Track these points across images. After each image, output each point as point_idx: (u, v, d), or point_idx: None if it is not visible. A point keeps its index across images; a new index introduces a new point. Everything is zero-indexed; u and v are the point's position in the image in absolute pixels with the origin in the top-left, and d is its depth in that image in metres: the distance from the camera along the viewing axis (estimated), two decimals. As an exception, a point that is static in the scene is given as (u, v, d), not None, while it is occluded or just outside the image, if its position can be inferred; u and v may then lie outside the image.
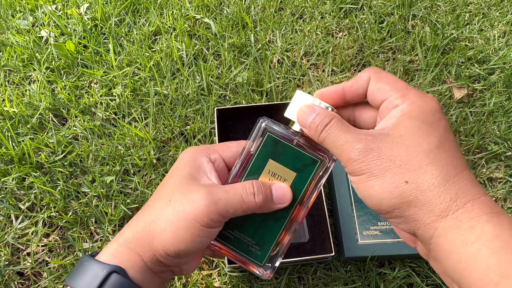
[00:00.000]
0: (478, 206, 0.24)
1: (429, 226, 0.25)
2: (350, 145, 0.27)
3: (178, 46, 0.72)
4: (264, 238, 0.34)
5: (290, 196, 0.33)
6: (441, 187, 0.24)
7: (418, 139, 0.26)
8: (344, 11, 0.78)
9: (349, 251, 0.50)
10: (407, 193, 0.25)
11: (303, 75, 0.69)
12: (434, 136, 0.26)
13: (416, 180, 0.25)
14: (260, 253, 0.34)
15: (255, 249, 0.34)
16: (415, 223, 0.25)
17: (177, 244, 0.30)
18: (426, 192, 0.25)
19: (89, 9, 0.78)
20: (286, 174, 0.33)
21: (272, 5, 0.78)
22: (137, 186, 0.58)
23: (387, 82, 0.29)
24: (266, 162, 0.33)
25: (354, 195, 0.54)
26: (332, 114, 0.29)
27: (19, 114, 0.64)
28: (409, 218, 0.25)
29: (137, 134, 0.62)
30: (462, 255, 0.23)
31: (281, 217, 0.34)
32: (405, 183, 0.25)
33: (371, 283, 0.51)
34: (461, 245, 0.23)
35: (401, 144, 0.26)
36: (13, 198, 0.57)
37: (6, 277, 0.52)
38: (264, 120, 0.34)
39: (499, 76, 0.68)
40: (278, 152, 0.33)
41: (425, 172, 0.25)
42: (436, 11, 0.78)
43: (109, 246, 0.32)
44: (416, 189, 0.25)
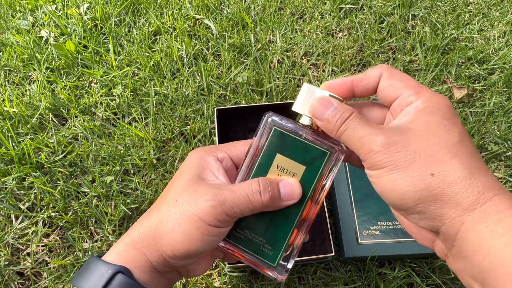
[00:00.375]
0: (504, 199, 0.23)
1: (456, 221, 0.24)
2: (371, 137, 0.26)
3: (178, 46, 0.72)
4: (275, 237, 0.33)
5: (299, 192, 0.32)
6: (467, 180, 0.24)
7: (440, 134, 0.25)
8: (344, 11, 0.78)
9: (349, 251, 0.50)
10: (433, 186, 0.24)
11: (303, 75, 0.69)
12: (454, 131, 0.26)
13: (442, 173, 0.24)
14: (272, 253, 0.33)
15: (266, 249, 0.33)
16: (439, 218, 0.24)
17: (186, 244, 0.30)
18: (453, 185, 0.24)
19: (89, 9, 0.78)
20: (295, 168, 0.32)
21: (272, 5, 0.78)
22: (137, 186, 0.58)
23: (399, 79, 0.28)
24: (274, 157, 0.32)
25: (354, 195, 0.54)
26: (351, 108, 0.28)
27: (19, 114, 0.64)
28: (433, 213, 0.25)
29: (137, 134, 0.62)
30: (491, 248, 0.22)
31: (292, 214, 0.32)
32: (431, 175, 0.24)
33: (371, 283, 0.51)
34: (490, 238, 0.23)
35: (423, 138, 0.25)
36: (13, 198, 0.57)
37: (6, 277, 0.52)
38: (270, 114, 0.33)
39: (499, 76, 0.68)
40: (285, 146, 0.32)
41: (450, 165, 0.24)
42: (436, 11, 0.78)
43: (115, 246, 0.32)
44: (442, 182, 0.24)
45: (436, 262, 0.51)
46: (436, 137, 0.25)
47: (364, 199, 0.53)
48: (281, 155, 0.32)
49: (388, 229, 0.51)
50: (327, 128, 0.29)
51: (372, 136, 0.26)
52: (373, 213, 0.52)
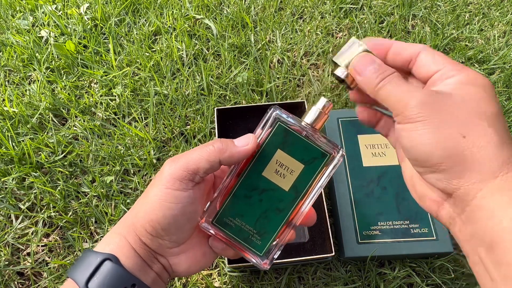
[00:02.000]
0: None
1: (475, 185, 0.24)
2: (411, 93, 0.27)
3: (178, 46, 0.72)
4: (265, 228, 0.34)
5: (254, 141, 0.32)
6: (497, 148, 0.24)
7: (480, 103, 0.26)
8: (344, 11, 0.78)
9: (349, 251, 0.50)
10: (463, 146, 0.25)
11: (303, 75, 0.69)
12: (493, 104, 0.26)
13: (474, 136, 0.25)
14: (260, 243, 0.34)
15: (255, 238, 0.34)
16: (459, 180, 0.25)
17: (150, 213, 0.32)
18: (482, 150, 0.24)
19: (89, 9, 0.78)
20: (294, 165, 0.33)
21: (272, 5, 0.78)
22: (137, 186, 0.58)
23: (441, 56, 0.29)
24: (274, 152, 0.33)
25: (354, 195, 0.54)
26: (392, 69, 0.29)
27: (19, 114, 0.64)
28: (455, 174, 0.25)
29: (137, 134, 0.62)
30: (504, 217, 0.23)
31: (284, 209, 0.33)
32: (462, 137, 0.25)
33: (371, 283, 0.51)
34: (506, 207, 0.23)
35: (462, 104, 0.26)
36: (13, 198, 0.57)
37: (6, 277, 0.52)
38: (275, 109, 0.33)
39: (499, 76, 0.68)
40: (287, 143, 0.33)
41: (483, 131, 0.25)
42: (436, 11, 0.78)
43: (104, 236, 0.34)
44: (473, 145, 0.24)
45: (436, 262, 0.51)
46: (476, 105, 0.26)
47: (364, 199, 0.53)
48: (281, 151, 0.33)
49: (388, 229, 0.51)
50: (366, 82, 0.29)
51: (412, 92, 0.27)
52: (373, 213, 0.52)
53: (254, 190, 0.34)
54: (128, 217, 0.34)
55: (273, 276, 0.51)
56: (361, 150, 0.57)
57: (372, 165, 0.56)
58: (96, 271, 0.30)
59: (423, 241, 0.50)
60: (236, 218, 0.34)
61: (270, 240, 0.34)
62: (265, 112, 0.34)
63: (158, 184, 0.32)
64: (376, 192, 0.54)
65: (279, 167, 0.33)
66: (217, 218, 0.34)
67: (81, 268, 0.31)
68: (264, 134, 0.33)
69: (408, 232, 0.51)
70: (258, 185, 0.34)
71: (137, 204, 0.34)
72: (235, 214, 0.34)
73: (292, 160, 0.33)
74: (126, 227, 0.33)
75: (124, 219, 0.34)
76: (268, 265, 0.34)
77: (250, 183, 0.34)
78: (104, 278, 0.30)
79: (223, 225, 0.34)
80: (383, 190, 0.54)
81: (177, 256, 0.35)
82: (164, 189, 0.31)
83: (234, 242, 0.34)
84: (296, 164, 0.33)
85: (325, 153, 0.32)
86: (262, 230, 0.34)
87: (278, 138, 0.33)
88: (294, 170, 0.33)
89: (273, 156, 0.33)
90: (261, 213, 0.34)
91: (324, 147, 0.32)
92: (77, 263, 0.32)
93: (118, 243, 0.32)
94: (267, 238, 0.34)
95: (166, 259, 0.34)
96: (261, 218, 0.34)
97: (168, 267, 0.35)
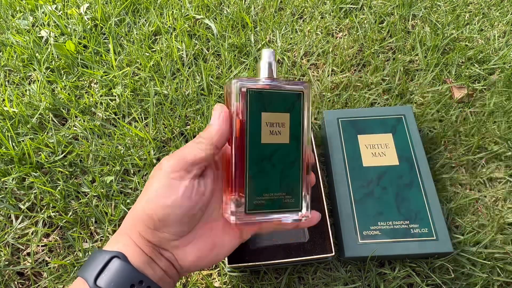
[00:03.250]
0: None
1: None
2: None
3: (178, 46, 0.72)
4: (290, 186, 0.35)
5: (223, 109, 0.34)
6: None
7: None
8: (344, 11, 0.78)
9: (349, 251, 0.50)
10: None
11: (303, 75, 0.69)
12: None
13: None
14: (294, 200, 0.35)
15: (288, 200, 0.35)
16: None
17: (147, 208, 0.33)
18: None
19: (89, 9, 0.78)
20: (281, 118, 0.34)
21: (272, 5, 0.78)
22: (137, 186, 0.58)
23: None
24: (260, 117, 0.34)
25: (354, 195, 0.54)
26: None
27: (19, 114, 0.64)
28: None
29: (137, 134, 0.62)
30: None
31: (296, 159, 0.35)
32: None
33: (371, 283, 0.51)
34: None
35: None
36: (13, 198, 0.57)
37: (6, 277, 0.52)
38: (238, 80, 0.33)
39: (499, 76, 0.68)
40: (266, 103, 0.34)
41: None
42: (436, 11, 0.78)
43: (112, 236, 0.35)
44: None
45: (436, 262, 0.51)
46: None
47: (364, 199, 0.53)
48: (265, 113, 0.34)
49: (388, 229, 0.51)
50: None
51: None
52: (373, 213, 0.52)
53: (263, 161, 0.34)
54: (129, 216, 0.35)
55: (273, 276, 0.51)
56: (361, 150, 0.57)
57: (372, 165, 0.56)
58: (104, 269, 0.31)
59: (423, 241, 0.50)
60: (264, 194, 0.34)
61: (300, 193, 0.35)
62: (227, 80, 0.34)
63: (155, 177, 0.33)
64: (376, 192, 0.54)
65: (271, 127, 0.34)
66: (248, 206, 0.34)
67: (90, 267, 0.32)
68: (241, 107, 0.33)
69: (408, 232, 0.51)
70: (263, 154, 0.34)
71: (137, 201, 0.35)
72: (261, 191, 0.34)
73: (278, 115, 0.34)
74: (129, 226, 0.34)
75: (126, 218, 0.35)
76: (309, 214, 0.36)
77: (256, 156, 0.34)
78: (112, 275, 0.30)
79: (256, 207, 0.34)
80: (383, 190, 0.54)
81: (182, 249, 0.34)
82: (160, 180, 0.32)
83: (271, 217, 0.35)
84: (283, 116, 0.34)
85: (298, 93, 0.34)
86: (289, 188, 0.35)
87: (256, 103, 0.33)
88: (284, 122, 0.34)
89: (261, 121, 0.34)
90: (280, 176, 0.35)
91: (294, 89, 0.34)
92: (87, 262, 0.32)
93: (124, 242, 0.33)
94: (297, 192, 0.35)
95: (171, 253, 0.34)
96: (282, 179, 0.35)
97: (174, 261, 0.35)
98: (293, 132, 0.35)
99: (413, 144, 0.57)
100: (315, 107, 0.65)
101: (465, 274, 0.51)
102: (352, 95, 0.66)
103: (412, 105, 0.65)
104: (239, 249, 0.50)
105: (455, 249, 0.52)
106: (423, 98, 0.66)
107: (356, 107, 0.65)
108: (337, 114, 0.60)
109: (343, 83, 0.67)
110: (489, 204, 0.56)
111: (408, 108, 0.60)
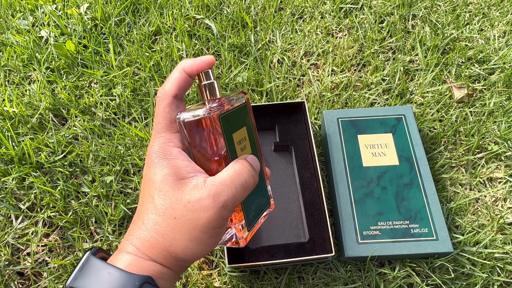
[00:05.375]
0: None
1: None
2: None
3: (178, 46, 0.72)
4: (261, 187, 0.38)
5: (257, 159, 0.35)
6: None
7: None
8: (344, 11, 0.78)
9: (349, 251, 0.50)
10: None
11: (303, 75, 0.69)
12: None
13: None
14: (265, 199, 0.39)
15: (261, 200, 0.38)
16: None
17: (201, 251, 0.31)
18: None
19: (89, 9, 0.78)
20: (242, 133, 0.35)
21: (272, 5, 0.78)
22: (137, 186, 0.58)
23: None
24: (232, 139, 0.34)
25: (354, 195, 0.54)
26: None
27: (19, 114, 0.64)
28: None
29: (137, 134, 0.62)
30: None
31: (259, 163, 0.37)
32: None
33: (371, 283, 0.51)
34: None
35: None
36: (13, 198, 0.57)
37: (6, 277, 0.52)
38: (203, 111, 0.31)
39: (499, 76, 0.68)
40: (232, 124, 0.34)
41: None
42: (436, 11, 0.78)
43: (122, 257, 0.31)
44: None
45: (436, 262, 0.51)
46: None
47: (364, 199, 0.53)
48: (234, 133, 0.35)
49: (388, 229, 0.51)
50: None
51: None
52: (373, 213, 0.52)
53: None
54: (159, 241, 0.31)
55: (273, 276, 0.51)
56: (361, 150, 0.57)
57: (372, 165, 0.56)
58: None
59: (423, 241, 0.50)
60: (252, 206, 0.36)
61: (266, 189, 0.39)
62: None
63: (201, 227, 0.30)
64: (376, 192, 0.54)
65: (239, 144, 0.35)
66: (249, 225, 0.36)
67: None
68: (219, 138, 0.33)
69: (408, 232, 0.51)
70: None
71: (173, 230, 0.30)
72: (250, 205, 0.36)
73: (240, 131, 0.35)
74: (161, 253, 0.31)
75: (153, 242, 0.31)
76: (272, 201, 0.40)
77: None
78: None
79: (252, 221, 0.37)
80: (383, 190, 0.54)
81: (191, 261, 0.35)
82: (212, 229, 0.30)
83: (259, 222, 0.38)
84: (242, 130, 0.36)
85: (244, 102, 0.36)
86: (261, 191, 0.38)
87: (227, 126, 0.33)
88: (245, 135, 0.36)
89: (234, 143, 0.34)
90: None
91: (239, 101, 0.35)
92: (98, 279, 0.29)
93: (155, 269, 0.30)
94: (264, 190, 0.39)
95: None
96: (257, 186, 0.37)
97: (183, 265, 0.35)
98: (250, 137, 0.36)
99: (413, 144, 0.57)
100: (315, 107, 0.65)
101: (465, 274, 0.51)
102: (352, 95, 0.66)
103: (412, 105, 0.65)
104: (239, 249, 0.50)
105: (455, 249, 0.52)
106: (423, 98, 0.66)
107: (356, 107, 0.65)
108: (337, 114, 0.60)
109: (343, 83, 0.67)
110: (489, 204, 0.56)
111: (408, 108, 0.60)
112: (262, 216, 0.39)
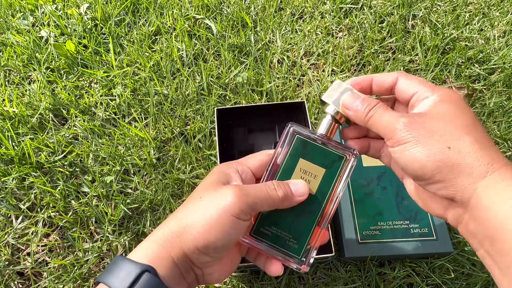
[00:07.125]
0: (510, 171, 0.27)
1: (469, 187, 0.28)
2: (396, 118, 0.31)
3: (178, 46, 0.72)
4: (299, 231, 0.36)
5: (307, 190, 0.36)
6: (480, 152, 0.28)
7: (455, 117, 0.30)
8: (344, 11, 0.78)
9: (349, 251, 0.50)
10: (450, 157, 0.28)
11: (303, 75, 0.69)
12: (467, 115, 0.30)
13: (457, 146, 0.28)
14: (297, 247, 0.36)
15: (292, 243, 0.36)
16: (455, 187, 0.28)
17: (207, 234, 0.31)
18: (467, 156, 0.28)
19: (89, 9, 0.78)
20: (316, 170, 0.36)
21: (272, 5, 0.78)
22: (137, 186, 0.58)
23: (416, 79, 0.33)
24: (297, 161, 0.37)
25: (354, 195, 0.54)
26: (376, 100, 0.33)
27: (19, 114, 0.64)
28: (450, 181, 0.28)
29: (137, 134, 0.62)
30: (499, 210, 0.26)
31: (314, 211, 0.36)
32: (448, 148, 0.28)
33: (371, 283, 0.51)
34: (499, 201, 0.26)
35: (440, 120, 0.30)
36: (13, 198, 0.57)
37: (6, 277, 0.52)
38: (292, 124, 0.37)
39: (499, 76, 0.68)
40: (307, 152, 0.37)
41: (464, 140, 0.29)
42: (436, 11, 0.78)
43: (141, 244, 0.33)
44: (458, 153, 0.28)
45: (436, 262, 0.51)
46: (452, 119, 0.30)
47: (364, 199, 0.53)
48: (303, 160, 0.37)
49: (388, 229, 0.51)
50: (356, 115, 0.34)
51: (397, 117, 0.31)
52: (373, 213, 0.52)
53: None
54: (173, 228, 0.33)
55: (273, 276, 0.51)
56: (361, 150, 0.57)
57: (372, 165, 0.56)
58: (136, 282, 0.30)
59: (423, 241, 0.50)
60: (272, 227, 0.36)
61: (305, 242, 0.36)
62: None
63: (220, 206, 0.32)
64: (376, 192, 0.54)
65: (304, 174, 0.36)
66: (255, 230, 0.36)
67: (118, 276, 0.30)
68: (285, 148, 0.37)
69: (408, 232, 0.51)
70: None
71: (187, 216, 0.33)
72: (271, 223, 0.36)
73: (314, 166, 0.36)
74: (169, 239, 0.32)
75: (167, 229, 0.33)
76: (306, 268, 0.36)
77: None
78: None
79: (261, 235, 0.36)
80: (383, 190, 0.54)
81: (211, 267, 0.35)
82: (229, 215, 0.32)
83: (272, 250, 0.36)
84: (318, 169, 0.36)
85: (341, 156, 0.36)
86: (297, 233, 0.36)
87: (299, 149, 0.37)
88: (317, 175, 0.36)
89: (297, 165, 0.36)
90: (294, 218, 0.36)
91: (339, 151, 0.37)
92: (113, 270, 0.31)
93: (158, 254, 0.32)
94: (303, 240, 0.36)
95: (202, 270, 0.35)
96: (295, 222, 0.36)
97: (201, 276, 0.35)
98: (322, 186, 0.36)
99: (413, 144, 0.57)
100: (315, 107, 0.65)
101: (465, 274, 0.51)
102: (352, 95, 0.66)
103: (412, 105, 0.65)
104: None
105: (455, 249, 0.52)
106: (423, 98, 0.66)
107: (356, 107, 0.65)
108: (337, 114, 0.60)
109: (343, 83, 0.67)
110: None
111: (408, 108, 0.60)
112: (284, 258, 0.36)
